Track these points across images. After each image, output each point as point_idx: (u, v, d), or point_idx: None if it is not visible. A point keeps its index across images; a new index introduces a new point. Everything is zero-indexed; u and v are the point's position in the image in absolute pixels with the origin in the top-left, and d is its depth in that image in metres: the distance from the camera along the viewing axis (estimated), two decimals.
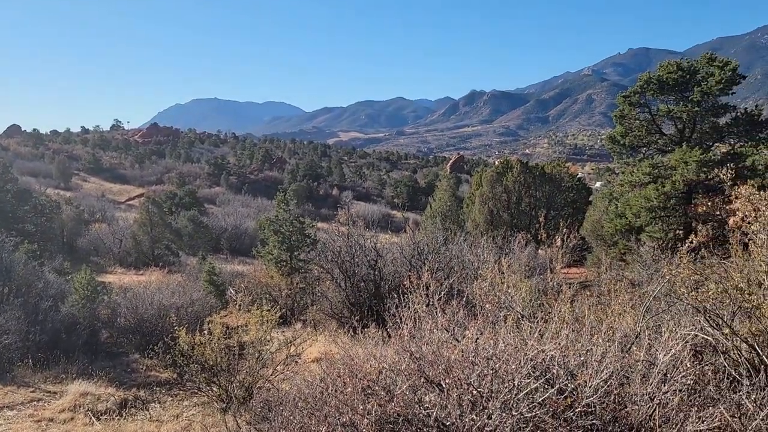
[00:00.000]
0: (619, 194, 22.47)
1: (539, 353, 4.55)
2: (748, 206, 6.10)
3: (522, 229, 30.50)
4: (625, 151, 22.18)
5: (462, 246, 18.35)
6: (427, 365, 4.49)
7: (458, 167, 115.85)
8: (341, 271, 15.88)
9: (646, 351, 5.41)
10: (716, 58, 19.74)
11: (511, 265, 17.17)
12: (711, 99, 19.42)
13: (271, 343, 10.19)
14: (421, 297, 5.88)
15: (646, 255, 17.58)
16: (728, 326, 5.75)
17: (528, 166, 35.45)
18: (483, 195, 33.26)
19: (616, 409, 4.51)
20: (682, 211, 20.00)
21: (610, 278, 13.78)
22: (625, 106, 20.93)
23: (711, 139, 20.41)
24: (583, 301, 9.14)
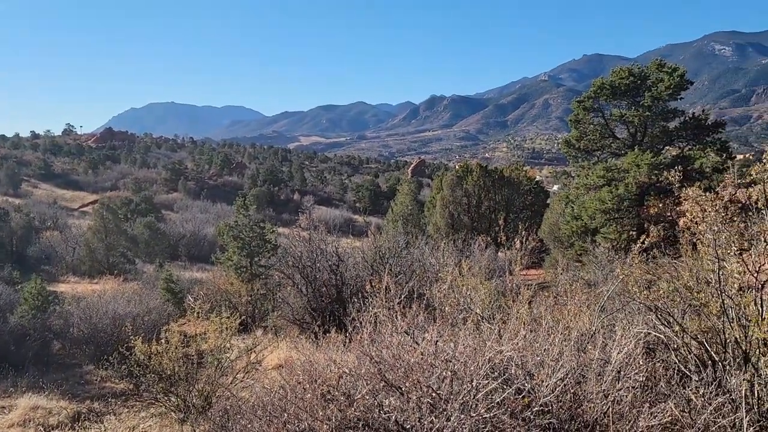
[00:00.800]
0: (575, 197, 22.99)
1: (497, 354, 4.60)
2: (696, 207, 6.32)
3: (482, 232, 30.88)
4: (581, 155, 22.72)
5: (423, 249, 18.46)
6: (387, 369, 4.49)
7: (419, 171, 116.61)
8: (302, 276, 15.76)
9: (600, 350, 5.53)
10: (665, 64, 20.46)
11: (472, 268, 17.39)
12: (661, 104, 20.10)
13: (230, 351, 10.04)
14: (382, 301, 5.89)
15: (601, 256, 18.03)
16: (678, 324, 5.94)
17: (487, 170, 35.97)
18: (444, 199, 33.58)
19: (573, 408, 4.60)
20: (635, 212, 20.60)
21: (567, 279, 14.09)
22: (579, 111, 21.46)
23: (661, 142, 21.10)
24: (541, 302, 9.32)
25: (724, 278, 6.10)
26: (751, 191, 6.37)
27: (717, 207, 5.97)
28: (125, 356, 10.03)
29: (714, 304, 6.16)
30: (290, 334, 14.48)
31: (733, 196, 7.30)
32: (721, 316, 6.03)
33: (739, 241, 6.52)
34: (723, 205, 6.18)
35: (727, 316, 5.96)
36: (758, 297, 5.76)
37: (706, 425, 4.26)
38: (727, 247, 6.24)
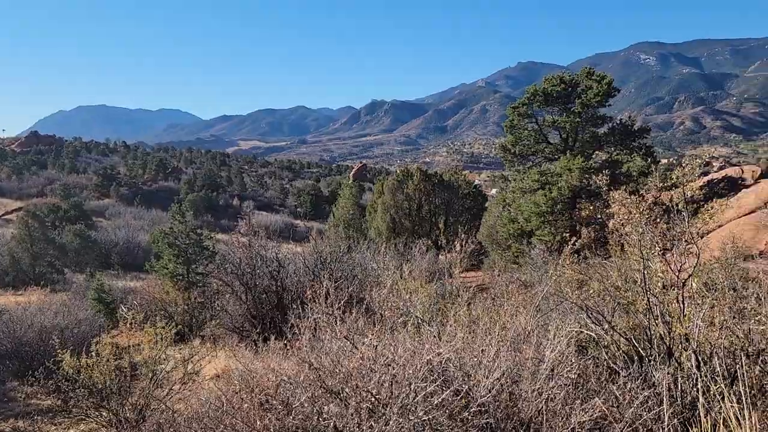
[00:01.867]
0: (512, 200, 23.61)
1: (436, 356, 4.66)
2: (622, 210, 6.61)
3: (423, 236, 31.27)
4: (516, 159, 23.37)
5: (365, 254, 18.49)
6: (326, 375, 4.46)
7: (361, 176, 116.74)
8: (242, 283, 15.46)
9: (535, 349, 5.69)
10: (594, 72, 21.37)
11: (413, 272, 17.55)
12: (590, 110, 20.97)
13: (166, 362, 9.71)
14: (322, 306, 5.85)
15: (536, 257, 18.58)
16: (608, 322, 6.19)
17: (428, 174, 36.41)
18: (385, 203, 33.76)
19: (509, 407, 4.70)
20: (568, 215, 21.36)
21: (504, 280, 14.44)
22: (514, 117, 22.09)
23: (591, 147, 22.00)
24: (480, 303, 9.52)
25: (649, 277, 6.39)
26: (672, 194, 6.73)
27: (641, 209, 6.26)
28: (52, 371, 9.52)
29: (640, 302, 6.45)
30: (229, 343, 14.16)
31: (656, 198, 7.70)
32: (647, 314, 6.31)
33: (662, 242, 6.87)
34: (647, 207, 6.49)
35: (652, 313, 6.25)
36: (680, 295, 6.08)
37: (633, 419, 4.45)
38: (652, 247, 6.56)
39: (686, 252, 6.69)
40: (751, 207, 16.32)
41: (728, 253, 11.01)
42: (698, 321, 6.08)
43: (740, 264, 11.22)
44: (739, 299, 6.26)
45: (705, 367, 5.69)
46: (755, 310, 5.72)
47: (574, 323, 6.87)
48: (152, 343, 9.39)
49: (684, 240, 6.69)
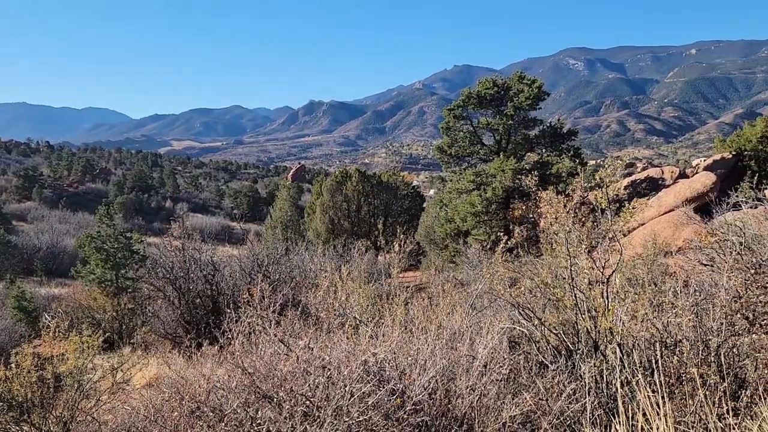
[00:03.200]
0: (448, 201, 24.01)
1: (371, 357, 4.68)
2: (550, 209, 6.85)
3: (362, 237, 31.33)
4: (452, 161, 23.79)
5: (303, 255, 18.34)
6: (260, 379, 4.40)
7: (300, 177, 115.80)
8: (174, 288, 14.99)
9: (469, 346, 5.81)
10: (525, 76, 22.05)
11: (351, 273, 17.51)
12: (522, 113, 21.62)
13: (93, 372, 9.30)
14: (257, 309, 5.76)
15: (472, 256, 18.97)
16: (537, 318, 6.38)
17: (366, 175, 36.52)
18: (324, 204, 33.60)
19: (443, 404, 4.78)
20: (502, 215, 21.94)
21: (441, 280, 14.67)
22: (450, 119, 22.49)
23: (523, 149, 22.68)
24: (417, 303, 9.63)
25: (576, 274, 6.65)
26: (596, 194, 7.03)
27: (568, 209, 6.50)
28: None
29: (568, 298, 6.69)
30: (161, 350, 13.72)
31: (583, 198, 8.02)
32: (574, 309, 6.56)
33: (588, 240, 7.17)
34: (573, 206, 6.76)
35: (579, 308, 6.50)
36: (604, 290, 6.36)
37: (560, 411, 4.62)
38: (578, 245, 6.84)
39: (610, 249, 7.01)
40: (671, 206, 17.27)
41: (650, 249, 11.60)
42: (621, 315, 6.39)
43: (661, 260, 11.85)
44: (659, 293, 6.61)
45: (628, 358, 5.97)
46: (672, 303, 6.05)
47: (506, 320, 7.07)
48: (78, 353, 8.97)
49: (608, 238, 7.01)
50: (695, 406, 4.92)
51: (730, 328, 6.15)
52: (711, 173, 18.79)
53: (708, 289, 7.17)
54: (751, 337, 6.73)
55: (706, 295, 6.79)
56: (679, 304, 6.07)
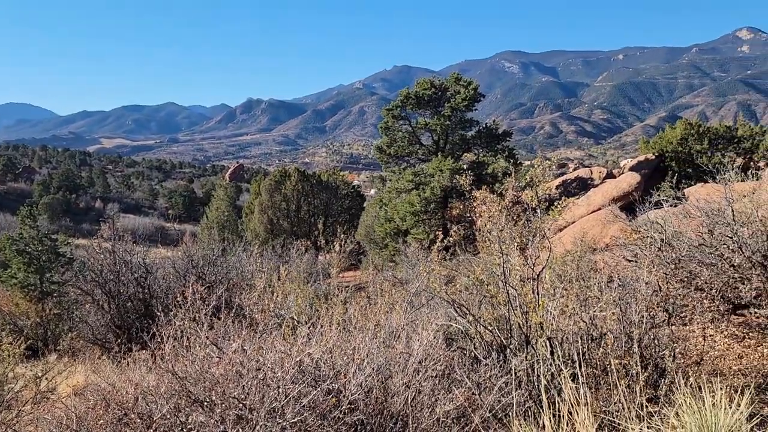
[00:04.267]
0: (388, 200, 24.18)
1: (307, 357, 4.65)
2: (484, 208, 7.02)
3: (302, 237, 31.07)
4: (391, 160, 23.97)
5: (241, 256, 18.03)
6: (191, 383, 4.29)
7: (238, 176, 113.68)
8: (104, 291, 14.42)
9: (405, 344, 5.87)
10: (461, 78, 22.48)
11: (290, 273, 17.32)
12: (459, 114, 22.04)
13: (15, 381, 8.80)
14: (189, 312, 5.62)
15: (411, 255, 19.17)
16: (471, 315, 6.52)
17: (306, 175, 36.25)
18: (262, 204, 33.11)
19: (379, 402, 4.81)
20: (441, 214, 22.29)
21: (381, 279, 14.74)
22: (389, 119, 22.64)
23: (461, 149, 23.12)
24: (356, 302, 9.64)
25: (508, 271, 6.84)
26: (527, 193, 7.25)
27: (500, 207, 6.68)
28: None
29: (501, 295, 6.88)
30: (90, 356, 13.15)
31: (516, 197, 8.26)
32: (507, 305, 6.75)
33: (520, 238, 7.39)
34: (505, 205, 6.95)
35: (511, 304, 6.68)
36: (534, 286, 6.57)
37: (492, 404, 4.74)
38: (510, 243, 7.03)
39: (540, 247, 7.25)
40: (599, 204, 18.03)
41: (579, 247, 12.05)
42: (552, 310, 6.62)
43: (589, 256, 12.33)
44: (585, 288, 6.89)
45: (557, 352, 6.19)
46: (597, 298, 6.31)
47: (443, 317, 7.19)
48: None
49: (538, 236, 7.24)
50: (619, 396, 5.15)
51: (650, 320, 6.48)
52: (636, 173, 19.75)
53: (631, 283, 7.53)
54: (671, 329, 7.13)
55: (629, 290, 7.13)
56: (603, 298, 6.35)
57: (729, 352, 8.00)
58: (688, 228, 10.26)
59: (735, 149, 22.79)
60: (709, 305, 8.92)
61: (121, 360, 9.88)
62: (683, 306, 8.97)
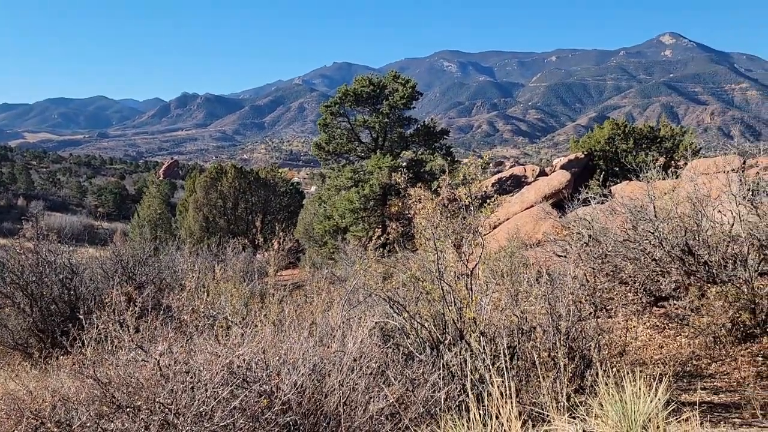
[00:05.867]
0: (327, 197, 24.05)
1: (237, 358, 4.55)
2: (419, 205, 7.08)
3: (239, 235, 30.45)
4: (330, 157, 23.85)
5: (174, 255, 17.53)
6: (115, 389, 4.11)
7: (173, 173, 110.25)
8: (25, 294, 13.63)
9: (341, 342, 5.84)
10: (399, 76, 22.62)
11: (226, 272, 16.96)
12: (397, 111, 22.16)
13: None
14: (115, 314, 5.39)
15: (351, 252, 19.15)
16: (406, 311, 6.56)
17: (243, 171, 35.55)
18: (197, 201, 32.23)
19: (313, 401, 4.76)
20: (380, 211, 22.37)
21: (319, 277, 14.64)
22: (327, 116, 22.51)
23: (399, 147, 23.28)
24: (294, 301, 9.53)
25: (444, 267, 6.93)
26: (461, 191, 7.37)
27: (434, 204, 6.75)
28: None
29: (436, 291, 6.97)
30: (10, 362, 12.42)
31: (453, 195, 8.38)
32: (442, 301, 6.84)
33: (454, 235, 7.50)
34: (440, 202, 7.04)
35: (446, 300, 6.78)
36: (468, 282, 6.68)
37: (425, 400, 4.78)
38: (445, 239, 7.13)
39: (474, 243, 7.39)
40: (532, 202, 18.57)
41: (512, 243, 12.37)
42: (485, 305, 6.76)
43: (523, 252, 12.67)
44: (517, 283, 7.07)
45: (489, 346, 6.32)
46: (527, 293, 6.48)
47: (380, 314, 7.21)
48: None
49: (472, 232, 7.37)
50: (547, 388, 5.30)
51: (577, 313, 6.72)
52: (566, 171, 20.46)
53: (560, 278, 7.79)
54: (597, 321, 7.41)
55: (558, 284, 7.37)
56: (533, 293, 6.53)
57: (651, 342, 8.42)
58: (614, 224, 10.72)
59: (658, 149, 24.00)
60: (632, 298, 9.35)
61: (44, 366, 9.39)
62: (609, 299, 9.37)
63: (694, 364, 7.34)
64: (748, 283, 7.68)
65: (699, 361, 7.37)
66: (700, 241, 8.71)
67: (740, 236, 8.41)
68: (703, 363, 7.29)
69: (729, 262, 8.27)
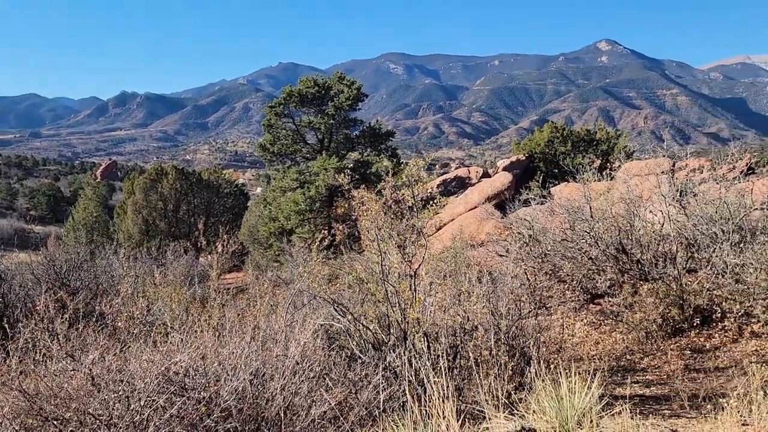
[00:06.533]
0: (272, 199, 23.75)
1: (175, 364, 4.42)
2: (362, 207, 7.08)
3: (181, 238, 29.68)
4: (275, 159, 23.57)
5: (111, 260, 16.91)
6: (43, 401, 3.92)
7: (111, 174, 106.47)
8: None
9: (283, 346, 5.77)
10: (345, 77, 22.59)
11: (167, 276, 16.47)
12: (343, 113, 22.13)
13: None
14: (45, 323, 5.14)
15: (296, 255, 18.95)
16: (350, 313, 6.54)
17: (184, 173, 34.66)
18: (136, 203, 31.18)
19: (254, 407, 4.68)
20: (326, 212, 22.26)
21: (264, 280, 14.41)
22: (272, 116, 22.24)
23: (345, 148, 23.24)
24: (236, 304, 9.35)
25: (388, 269, 6.95)
26: (405, 192, 7.41)
27: (378, 206, 6.76)
28: None
29: (380, 292, 6.98)
30: None
31: (397, 196, 8.41)
32: (386, 302, 6.86)
33: (398, 236, 7.53)
34: (383, 204, 7.06)
35: (390, 301, 6.80)
36: (412, 283, 6.73)
37: (368, 401, 4.78)
38: (389, 241, 7.15)
39: (418, 244, 7.44)
40: (475, 203, 18.93)
41: (457, 243, 12.55)
42: (429, 305, 6.82)
43: (466, 253, 12.88)
44: (459, 283, 7.17)
45: (434, 345, 6.38)
46: (469, 292, 6.58)
47: (325, 317, 7.16)
48: None
49: (416, 233, 7.43)
50: (489, 385, 5.39)
51: (518, 312, 6.88)
52: (508, 173, 20.95)
53: (501, 277, 7.95)
54: (537, 319, 7.61)
55: (500, 283, 7.52)
56: (475, 292, 6.64)
57: (587, 338, 8.71)
58: (553, 224, 11.05)
59: (594, 151, 24.89)
60: (570, 296, 9.66)
61: None
62: (548, 297, 9.64)
63: (627, 358, 7.63)
64: (677, 280, 8.06)
65: (632, 356, 7.67)
66: (633, 240, 9.08)
67: (670, 235, 8.82)
68: (636, 357, 7.60)
69: (660, 260, 8.66)
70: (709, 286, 7.92)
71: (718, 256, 7.95)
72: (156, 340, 6.01)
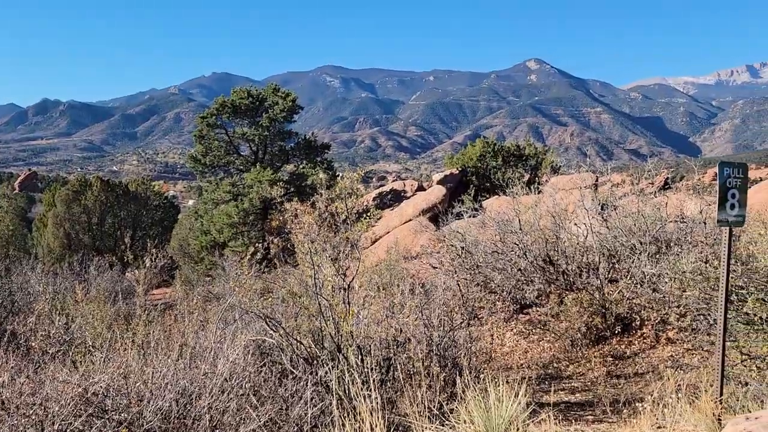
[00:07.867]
0: (204, 212, 23.16)
1: (93, 385, 4.20)
2: (294, 220, 7.02)
3: (107, 252, 28.43)
4: (208, 170, 23.05)
5: (29, 276, 15.96)
6: None
7: (30, 185, 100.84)
8: None
9: (212, 363, 5.60)
10: (280, 89, 22.43)
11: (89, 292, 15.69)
12: (278, 125, 21.93)
13: None
14: None
15: (229, 269, 18.50)
16: (282, 327, 6.44)
17: (110, 184, 33.29)
18: (57, 216, 29.62)
19: (178, 427, 4.52)
20: (261, 225, 21.90)
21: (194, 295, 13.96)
22: (203, 127, 21.75)
23: (280, 160, 23.01)
24: (164, 321, 9.00)
25: (321, 282, 6.90)
26: (338, 205, 7.40)
27: (311, 219, 6.72)
28: None
29: (313, 306, 6.91)
30: None
31: (332, 209, 8.39)
32: (319, 316, 6.80)
33: (332, 249, 7.50)
34: (316, 217, 7.02)
35: (323, 315, 6.75)
36: (345, 296, 6.71)
37: (299, 416, 4.70)
38: (322, 254, 7.11)
39: (352, 257, 7.43)
40: (410, 215, 19.13)
41: (391, 256, 12.63)
42: (363, 318, 6.81)
43: (401, 265, 12.98)
44: (392, 296, 7.20)
45: (367, 358, 6.37)
46: (402, 305, 6.62)
47: (256, 332, 7.02)
48: None
49: (349, 246, 7.42)
50: (421, 397, 5.43)
51: (450, 323, 6.98)
52: (442, 187, 21.31)
53: (434, 289, 8.06)
54: (468, 330, 7.74)
55: (432, 295, 7.62)
56: (408, 304, 6.69)
57: (517, 347, 8.94)
58: (485, 237, 11.31)
59: (524, 166, 25.74)
60: (501, 306, 9.90)
61: None
62: (480, 308, 9.85)
63: (554, 366, 7.88)
64: (600, 290, 8.42)
65: (559, 364, 7.93)
66: (559, 251, 9.43)
67: (593, 247, 9.21)
68: (563, 365, 7.86)
69: (584, 271, 9.03)
70: (629, 295, 8.32)
71: (636, 266, 8.37)
72: (75, 360, 5.71)
